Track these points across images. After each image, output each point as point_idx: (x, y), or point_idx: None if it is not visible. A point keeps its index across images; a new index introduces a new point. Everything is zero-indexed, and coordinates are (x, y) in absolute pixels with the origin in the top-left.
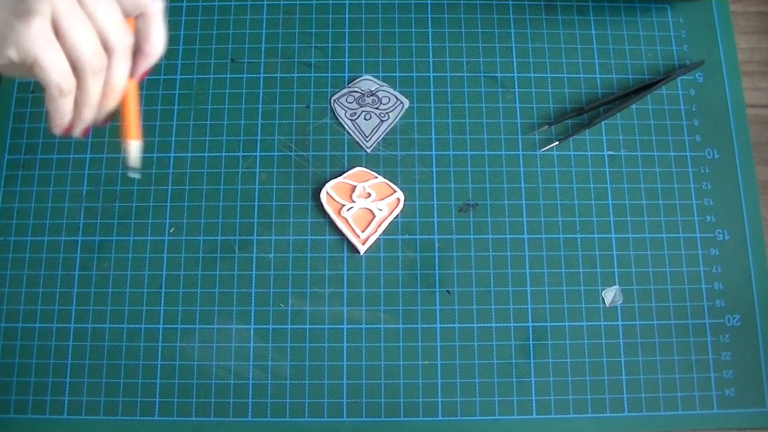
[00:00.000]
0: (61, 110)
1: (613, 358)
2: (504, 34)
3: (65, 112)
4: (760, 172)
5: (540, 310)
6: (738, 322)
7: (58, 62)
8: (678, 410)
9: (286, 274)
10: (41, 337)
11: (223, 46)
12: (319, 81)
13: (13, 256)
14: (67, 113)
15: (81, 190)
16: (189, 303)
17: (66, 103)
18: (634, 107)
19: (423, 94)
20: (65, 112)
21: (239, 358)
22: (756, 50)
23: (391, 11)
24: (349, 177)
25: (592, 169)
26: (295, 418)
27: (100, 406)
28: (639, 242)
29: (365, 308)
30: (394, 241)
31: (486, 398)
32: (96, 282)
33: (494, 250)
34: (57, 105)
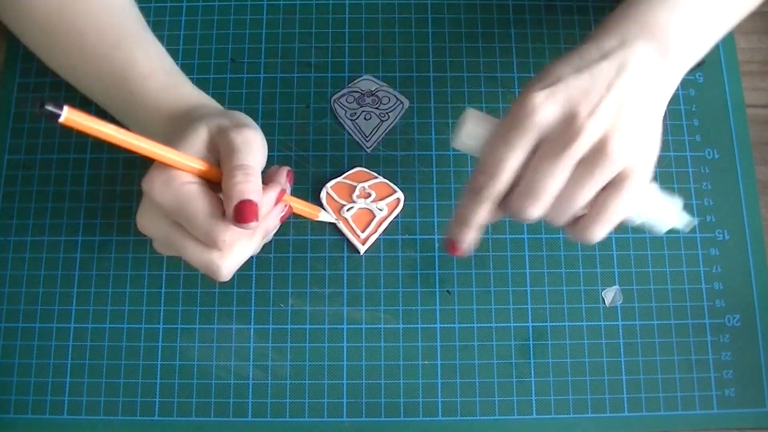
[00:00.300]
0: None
1: (613, 358)
2: (504, 34)
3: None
4: (760, 172)
5: (540, 310)
6: (738, 322)
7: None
8: (678, 410)
9: (286, 274)
10: (41, 337)
11: (223, 46)
12: (319, 81)
13: (13, 256)
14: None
15: (81, 190)
16: (189, 303)
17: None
18: None
19: (423, 94)
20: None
21: (239, 358)
22: (756, 50)
23: (391, 11)
24: (349, 177)
25: None
26: (295, 418)
27: (100, 406)
28: (639, 242)
29: (365, 308)
30: (394, 241)
31: (486, 398)
32: (96, 282)
33: (494, 250)
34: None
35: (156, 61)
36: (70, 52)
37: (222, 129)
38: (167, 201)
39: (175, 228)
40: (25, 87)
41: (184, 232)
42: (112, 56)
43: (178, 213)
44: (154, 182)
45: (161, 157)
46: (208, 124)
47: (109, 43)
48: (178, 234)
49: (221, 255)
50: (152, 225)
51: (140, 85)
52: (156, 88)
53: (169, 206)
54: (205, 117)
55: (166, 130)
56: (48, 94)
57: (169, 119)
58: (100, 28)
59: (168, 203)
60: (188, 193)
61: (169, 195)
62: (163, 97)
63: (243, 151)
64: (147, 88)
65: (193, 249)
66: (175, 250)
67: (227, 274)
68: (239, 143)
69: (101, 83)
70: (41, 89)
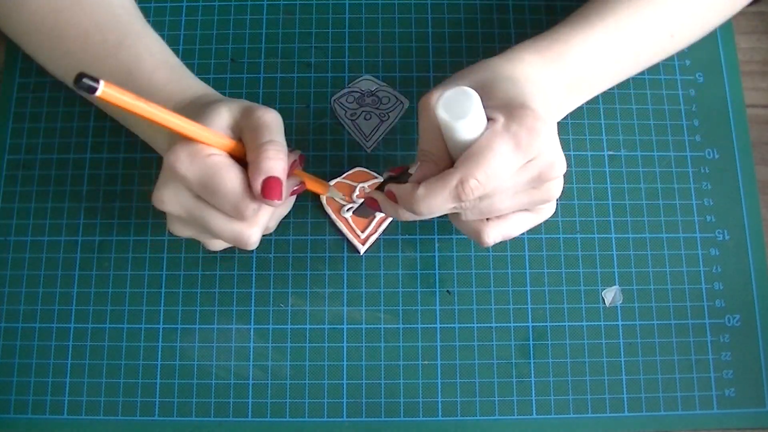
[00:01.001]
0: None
1: (613, 358)
2: (504, 34)
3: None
4: (760, 172)
5: (540, 310)
6: (738, 322)
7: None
8: (678, 410)
9: (286, 274)
10: (41, 337)
11: (223, 46)
12: (319, 81)
13: (13, 256)
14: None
15: (81, 190)
16: (189, 303)
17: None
18: (634, 107)
19: (423, 94)
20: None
21: (239, 358)
22: (756, 50)
23: (391, 11)
24: (349, 177)
25: (592, 169)
26: (295, 418)
27: (100, 406)
28: (639, 242)
29: (365, 308)
30: (394, 241)
31: (486, 398)
32: (96, 282)
33: (494, 250)
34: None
35: (160, 56)
36: (73, 54)
37: (248, 108)
38: (194, 173)
39: (199, 201)
40: (25, 87)
41: (208, 205)
42: (117, 54)
43: (205, 184)
44: (179, 154)
45: (191, 132)
46: (228, 105)
47: (113, 42)
48: (202, 207)
49: (249, 224)
50: (174, 200)
51: (146, 81)
52: (162, 83)
53: (196, 178)
54: (222, 100)
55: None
56: (48, 94)
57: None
58: (103, 27)
59: (194, 175)
60: (216, 164)
61: (195, 167)
62: (169, 90)
63: (273, 129)
64: (153, 83)
65: (220, 221)
66: (198, 225)
67: (256, 242)
68: (269, 120)
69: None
70: (41, 89)
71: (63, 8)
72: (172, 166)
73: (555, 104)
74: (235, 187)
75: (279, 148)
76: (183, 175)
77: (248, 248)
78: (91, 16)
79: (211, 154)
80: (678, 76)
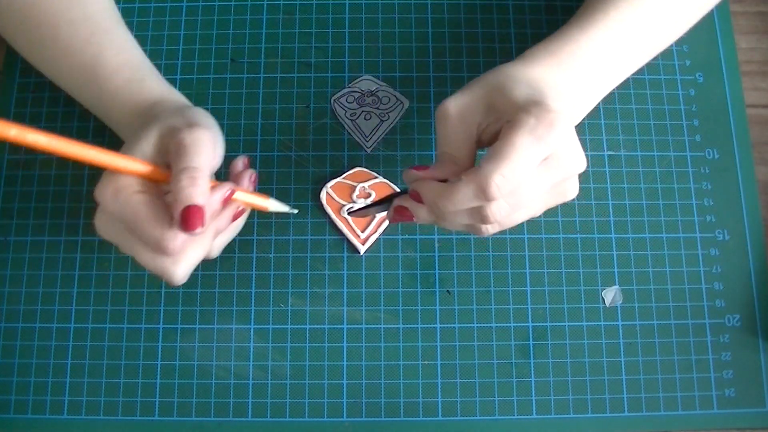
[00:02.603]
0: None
1: (613, 358)
2: (504, 34)
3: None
4: (760, 172)
5: (540, 310)
6: (738, 322)
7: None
8: (678, 410)
9: (286, 274)
10: (41, 337)
11: (223, 46)
12: (319, 81)
13: (13, 256)
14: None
15: (81, 190)
16: (189, 303)
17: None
18: (634, 107)
19: (423, 94)
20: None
21: (239, 358)
22: (756, 50)
23: (391, 11)
24: (349, 177)
25: (592, 169)
26: (295, 418)
27: (100, 406)
28: (639, 242)
29: (365, 308)
30: (394, 241)
31: (486, 398)
32: (96, 282)
33: (494, 250)
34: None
35: (125, 55)
36: (45, 46)
37: (172, 129)
38: (116, 210)
39: (128, 234)
40: (25, 87)
41: (136, 239)
42: (83, 50)
43: (127, 222)
44: (104, 191)
45: (112, 165)
46: (160, 125)
47: (81, 37)
48: (131, 240)
49: (174, 260)
50: (108, 231)
51: (108, 80)
52: (122, 83)
53: (119, 216)
54: (160, 116)
55: (134, 125)
56: (48, 94)
57: (136, 114)
58: (74, 21)
59: (117, 213)
60: (136, 203)
61: (117, 205)
62: (129, 92)
63: (191, 153)
64: (114, 83)
65: (146, 256)
66: (130, 254)
67: (182, 278)
68: (188, 144)
69: (75, 78)
70: (41, 89)
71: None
72: (97, 199)
73: (571, 105)
74: (155, 225)
75: (194, 175)
76: (109, 212)
77: (174, 284)
78: (63, 10)
79: (134, 192)
80: (678, 76)
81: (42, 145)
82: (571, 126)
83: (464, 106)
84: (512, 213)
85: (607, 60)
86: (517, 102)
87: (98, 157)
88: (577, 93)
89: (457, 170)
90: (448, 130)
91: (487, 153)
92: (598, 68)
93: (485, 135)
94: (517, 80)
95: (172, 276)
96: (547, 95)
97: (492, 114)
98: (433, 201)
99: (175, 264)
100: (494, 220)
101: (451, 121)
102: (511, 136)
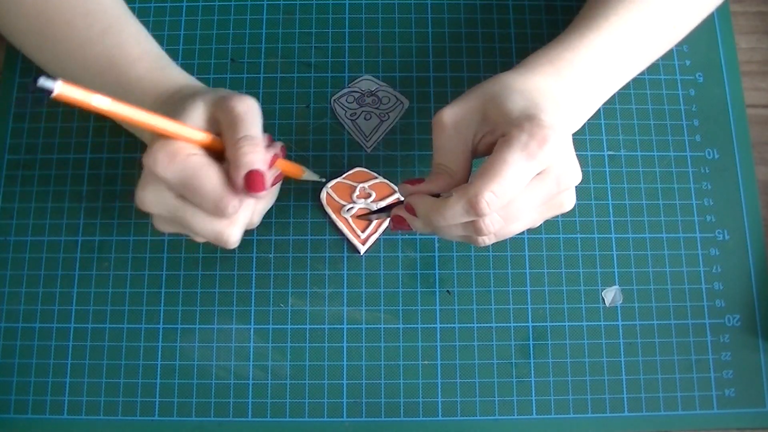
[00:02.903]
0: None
1: (613, 358)
2: (504, 34)
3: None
4: (760, 172)
5: (540, 310)
6: (738, 322)
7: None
8: (678, 410)
9: (286, 274)
10: (41, 337)
11: (223, 46)
12: (319, 81)
13: (13, 256)
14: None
15: (81, 190)
16: (189, 303)
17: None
18: (634, 107)
19: (423, 94)
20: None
21: (239, 358)
22: (756, 50)
23: (391, 11)
24: (349, 177)
25: (592, 169)
26: (295, 418)
27: (100, 406)
28: (639, 242)
29: (365, 308)
30: (394, 241)
31: (486, 398)
32: (96, 282)
33: (494, 250)
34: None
35: (144, 45)
36: (58, 42)
37: (222, 99)
38: (172, 173)
39: (179, 201)
40: (25, 87)
41: (189, 205)
42: (101, 42)
43: (185, 185)
44: (157, 156)
45: (168, 129)
46: (204, 98)
47: (97, 30)
48: (183, 207)
49: (230, 223)
50: (155, 200)
51: (129, 69)
52: (144, 72)
53: (175, 179)
54: (200, 92)
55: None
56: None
57: (159, 101)
58: (88, 14)
59: (173, 176)
60: (195, 164)
61: (174, 167)
62: (151, 80)
63: (247, 121)
64: (136, 72)
65: (201, 220)
66: (180, 224)
67: (236, 241)
68: (242, 112)
69: (89, 71)
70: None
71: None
72: (150, 167)
73: (569, 113)
74: (215, 186)
75: (254, 142)
76: (162, 177)
77: (228, 247)
78: (77, 4)
79: (189, 154)
80: (678, 76)
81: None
82: (566, 139)
83: (459, 117)
84: (507, 225)
85: (607, 66)
86: (510, 115)
87: (160, 123)
88: (577, 101)
89: (451, 182)
90: (443, 140)
91: (479, 169)
92: (597, 75)
93: (481, 145)
94: (513, 91)
95: (229, 238)
96: (542, 107)
97: (487, 125)
98: (426, 215)
99: (231, 226)
100: (488, 233)
101: (446, 131)
102: (502, 153)
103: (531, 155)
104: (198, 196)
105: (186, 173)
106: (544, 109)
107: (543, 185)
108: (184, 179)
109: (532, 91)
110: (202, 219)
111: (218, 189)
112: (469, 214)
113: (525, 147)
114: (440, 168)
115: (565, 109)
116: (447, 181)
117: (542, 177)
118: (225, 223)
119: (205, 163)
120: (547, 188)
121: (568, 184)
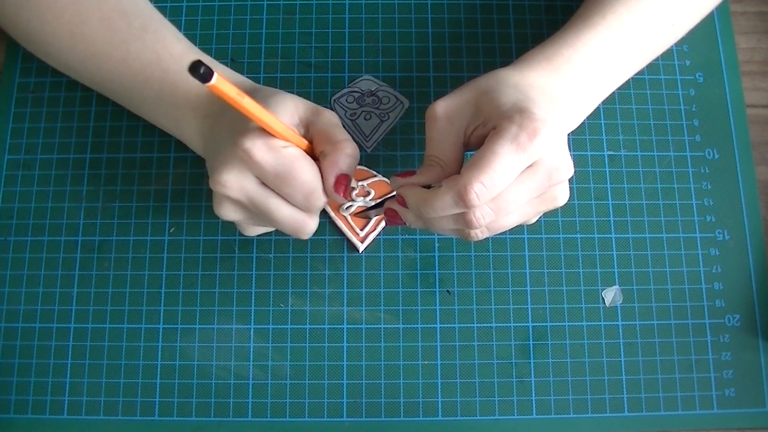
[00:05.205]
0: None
1: (613, 358)
2: (504, 34)
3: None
4: (760, 172)
5: (540, 310)
6: (738, 322)
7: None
8: (678, 410)
9: (286, 274)
10: (41, 337)
11: (223, 46)
12: (319, 81)
13: (13, 256)
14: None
15: (81, 190)
16: (189, 303)
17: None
18: (634, 107)
19: (423, 94)
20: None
21: (239, 358)
22: (756, 50)
23: (391, 11)
24: None
25: (592, 169)
26: (295, 418)
27: (100, 406)
28: (639, 242)
29: (365, 308)
30: (394, 240)
31: (486, 398)
32: (96, 282)
33: (494, 250)
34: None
35: (184, 42)
36: (93, 41)
37: (316, 107)
38: (270, 162)
39: (263, 189)
40: (25, 87)
41: (273, 194)
42: (142, 38)
43: (281, 174)
44: (257, 141)
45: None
46: (294, 100)
47: (137, 27)
48: (267, 195)
49: (311, 215)
50: (238, 184)
51: (173, 64)
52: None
53: (271, 167)
54: (280, 93)
55: (205, 106)
56: (48, 94)
57: (210, 96)
58: (126, 14)
59: (270, 164)
60: (293, 156)
61: (272, 156)
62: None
63: (340, 131)
64: (182, 66)
65: (285, 209)
66: (258, 210)
67: (312, 231)
68: (337, 122)
69: (131, 67)
70: (41, 89)
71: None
72: (248, 151)
73: (564, 110)
74: (311, 179)
75: (356, 147)
76: (258, 162)
77: (304, 237)
78: (114, 4)
79: (286, 146)
80: (678, 76)
81: (230, 100)
82: (558, 134)
83: (452, 109)
84: (498, 219)
85: (604, 63)
86: (502, 108)
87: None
88: (573, 98)
89: (442, 174)
90: (436, 132)
91: (469, 160)
92: (595, 72)
93: (474, 138)
94: (507, 85)
95: (308, 227)
96: (535, 102)
97: (480, 118)
98: (416, 207)
99: (312, 218)
100: (479, 225)
101: (439, 123)
102: (493, 144)
103: (521, 147)
104: (291, 186)
105: (284, 163)
106: (537, 103)
107: (534, 178)
108: (281, 168)
109: (526, 86)
110: (286, 209)
111: (313, 182)
112: (458, 205)
113: (515, 139)
114: (432, 160)
115: (560, 105)
116: (438, 173)
117: (533, 170)
118: (308, 215)
119: (301, 156)
120: (538, 181)
121: (559, 178)
